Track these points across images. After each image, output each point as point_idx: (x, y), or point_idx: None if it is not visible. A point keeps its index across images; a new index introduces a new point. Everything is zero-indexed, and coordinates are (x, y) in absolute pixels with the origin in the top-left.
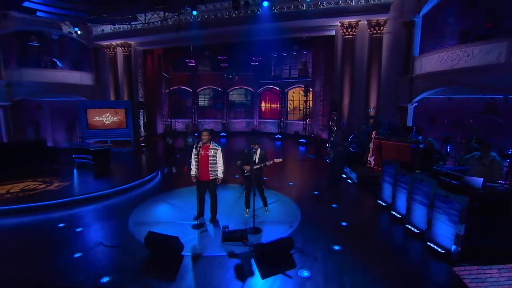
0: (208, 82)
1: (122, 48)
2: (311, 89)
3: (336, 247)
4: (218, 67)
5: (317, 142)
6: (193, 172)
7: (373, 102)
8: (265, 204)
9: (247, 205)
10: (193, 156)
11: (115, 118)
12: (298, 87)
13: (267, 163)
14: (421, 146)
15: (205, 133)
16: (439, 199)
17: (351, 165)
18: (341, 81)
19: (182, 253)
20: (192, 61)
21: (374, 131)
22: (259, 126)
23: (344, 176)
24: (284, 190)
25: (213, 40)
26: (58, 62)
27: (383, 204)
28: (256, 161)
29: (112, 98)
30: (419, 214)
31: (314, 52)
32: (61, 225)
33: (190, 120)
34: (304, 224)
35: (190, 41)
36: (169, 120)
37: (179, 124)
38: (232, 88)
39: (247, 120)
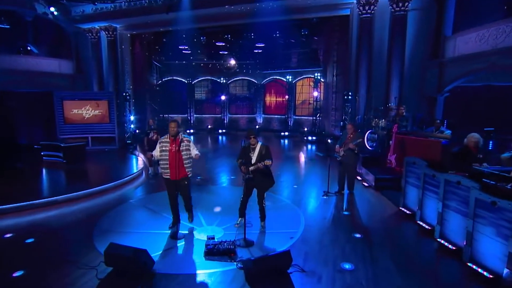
0: (205, 73)
1: (106, 32)
2: (322, 80)
3: (347, 266)
4: (217, 55)
5: (326, 140)
6: (154, 153)
7: (394, 92)
8: (263, 217)
9: (241, 213)
10: (156, 153)
11: (96, 112)
12: (307, 77)
13: (259, 164)
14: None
15: (172, 124)
16: (484, 206)
17: (367, 165)
18: (356, 69)
19: (153, 270)
20: (187, 47)
21: (396, 125)
22: (264, 122)
23: (358, 178)
24: (285, 194)
25: (210, 22)
26: (32, 48)
27: (407, 212)
28: (254, 160)
29: (96, 89)
30: (455, 225)
31: (326, 37)
32: (7, 235)
33: (186, 115)
34: (307, 235)
35: (183, 24)
36: (161, 116)
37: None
38: (233, 79)
39: (250, 116)
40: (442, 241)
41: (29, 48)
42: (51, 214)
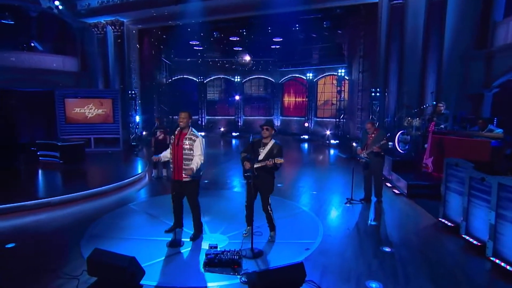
0: (218, 71)
1: (113, 27)
2: (346, 78)
3: (374, 284)
4: (230, 52)
5: (351, 144)
6: (162, 155)
7: (430, 87)
8: (272, 226)
9: (248, 221)
10: (167, 153)
11: (100, 111)
12: (330, 75)
13: (267, 162)
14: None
15: (182, 115)
16: None
17: (398, 170)
18: (386, 63)
19: (142, 282)
20: (199, 43)
21: (433, 122)
22: (282, 125)
23: (388, 185)
24: (303, 201)
25: (222, 14)
26: (37, 45)
27: (449, 223)
28: (261, 157)
29: (102, 88)
30: None
31: (351, 29)
32: None
33: (197, 117)
34: (326, 246)
35: (193, 17)
36: (170, 117)
37: None
38: (248, 78)
39: (266, 117)
40: (497, 261)
41: (32, 44)
42: (41, 218)
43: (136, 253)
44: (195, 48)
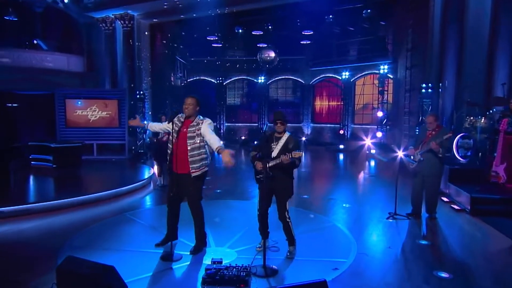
0: (240, 71)
1: (122, 22)
2: (390, 76)
3: None
4: (253, 50)
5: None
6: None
7: (501, 79)
8: (291, 240)
9: (262, 233)
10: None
11: (104, 113)
12: (370, 74)
13: (283, 157)
14: None
15: (189, 100)
16: None
17: (458, 180)
18: (440, 52)
19: None
20: (216, 38)
21: (505, 120)
22: (313, 133)
23: (444, 199)
24: (333, 214)
25: (243, 4)
26: (40, 43)
27: None
28: (275, 153)
29: (109, 88)
30: None
31: (397, 19)
32: None
33: (215, 124)
34: (360, 267)
35: (210, 8)
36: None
37: None
38: (273, 79)
39: (295, 125)
40: None
41: (35, 42)
42: (19, 226)
43: (122, 266)
44: (213, 45)
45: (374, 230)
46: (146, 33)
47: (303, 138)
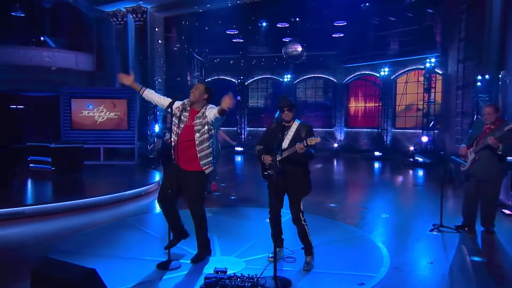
0: (264, 70)
1: (134, 16)
2: (439, 72)
3: None
4: (278, 44)
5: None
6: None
7: None
8: (308, 248)
9: (275, 239)
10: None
11: (112, 114)
12: (415, 69)
13: (297, 146)
14: None
15: (198, 85)
16: None
17: None
18: (502, 39)
19: None
20: (236, 32)
21: None
22: (346, 139)
23: (506, 212)
24: (364, 224)
25: None
26: (48, 40)
27: None
28: (286, 144)
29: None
30: None
31: (446, 6)
32: None
33: (235, 128)
34: (393, 284)
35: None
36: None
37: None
38: (301, 78)
39: (326, 129)
40: None
41: (42, 38)
42: (9, 230)
43: (111, 273)
44: (233, 40)
45: (413, 243)
46: (160, 28)
47: (335, 145)
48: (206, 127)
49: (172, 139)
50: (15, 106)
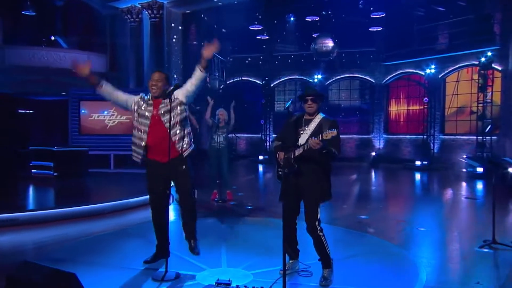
0: (291, 69)
1: (150, 12)
2: (498, 68)
3: None
4: (307, 41)
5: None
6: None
7: None
8: (326, 261)
9: (290, 251)
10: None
11: (123, 118)
12: (468, 66)
13: (311, 141)
14: None
15: (156, 75)
16: None
17: None
18: None
19: None
20: (260, 28)
21: None
22: (386, 146)
23: None
24: (399, 238)
25: None
26: (60, 40)
27: None
28: (303, 140)
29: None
30: None
31: None
32: None
33: (259, 135)
34: None
35: None
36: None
37: (242, 141)
38: (334, 79)
39: (363, 136)
40: None
41: (53, 38)
42: (3, 238)
43: (100, 283)
44: (257, 38)
45: (457, 260)
46: (177, 24)
47: (373, 153)
48: (178, 109)
49: (143, 139)
50: (24, 111)
